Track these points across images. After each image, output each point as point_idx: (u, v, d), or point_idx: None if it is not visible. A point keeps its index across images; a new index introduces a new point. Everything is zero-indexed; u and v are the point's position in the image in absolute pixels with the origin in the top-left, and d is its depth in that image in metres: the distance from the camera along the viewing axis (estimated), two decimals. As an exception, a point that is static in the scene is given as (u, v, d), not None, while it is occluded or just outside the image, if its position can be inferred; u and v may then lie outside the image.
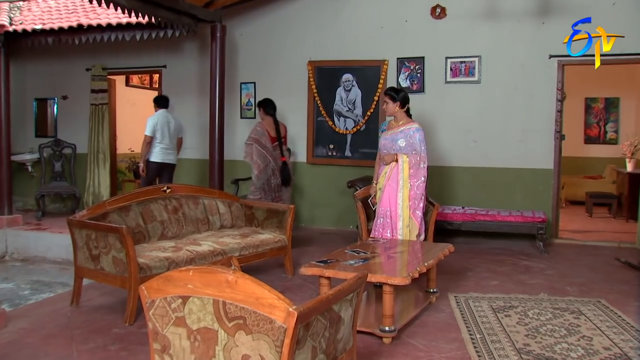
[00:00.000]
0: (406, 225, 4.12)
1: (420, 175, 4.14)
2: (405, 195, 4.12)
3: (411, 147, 4.15)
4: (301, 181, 6.82)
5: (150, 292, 1.96)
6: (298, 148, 6.77)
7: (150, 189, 4.23)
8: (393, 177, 4.17)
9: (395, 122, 4.27)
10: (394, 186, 4.16)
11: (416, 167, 4.13)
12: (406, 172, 4.11)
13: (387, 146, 4.24)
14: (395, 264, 3.37)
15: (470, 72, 6.06)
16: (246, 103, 7.01)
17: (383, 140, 4.29)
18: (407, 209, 4.11)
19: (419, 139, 4.15)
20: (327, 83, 6.65)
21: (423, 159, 4.15)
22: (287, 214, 4.45)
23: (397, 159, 4.15)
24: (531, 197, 5.95)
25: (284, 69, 6.79)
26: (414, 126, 4.20)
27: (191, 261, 3.61)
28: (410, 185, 4.12)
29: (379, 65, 6.40)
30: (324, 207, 6.74)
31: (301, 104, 6.72)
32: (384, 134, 4.35)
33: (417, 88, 6.28)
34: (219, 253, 3.84)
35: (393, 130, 4.25)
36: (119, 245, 3.30)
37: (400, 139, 4.18)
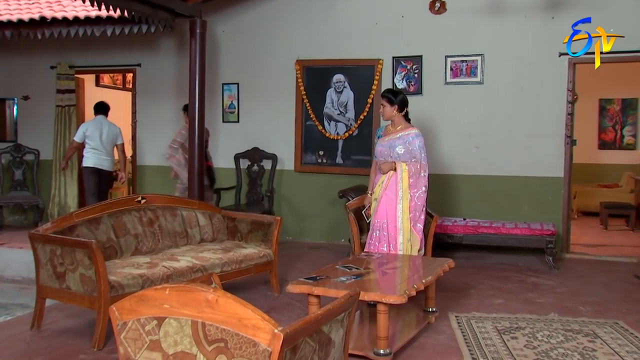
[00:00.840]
0: (407, 239, 4.14)
1: (420, 185, 4.16)
2: (405, 207, 4.13)
3: (410, 154, 4.18)
4: (289, 191, 6.86)
5: (122, 313, 1.95)
6: (285, 155, 6.81)
7: (123, 199, 4.23)
8: (391, 187, 4.19)
9: (393, 127, 4.29)
10: (392, 197, 4.17)
11: (416, 176, 4.15)
12: (406, 182, 4.13)
13: (384, 153, 4.26)
14: (390, 281, 3.40)
15: (472, 72, 6.14)
16: (229, 105, 7.05)
17: (379, 147, 4.31)
18: (408, 221, 4.13)
19: (418, 146, 4.17)
20: (316, 84, 6.69)
21: (424, 167, 4.17)
22: (273, 227, 4.47)
23: (396, 167, 4.16)
24: (539, 207, 6.01)
25: (270, 69, 6.84)
26: (413, 131, 4.22)
27: (168, 278, 3.62)
28: (410, 196, 4.13)
29: (373, 65, 6.45)
30: (314, 219, 6.77)
31: (288, 106, 6.77)
32: (381, 140, 4.37)
33: (414, 89, 6.34)
34: (199, 269, 3.85)
35: (390, 136, 4.27)
36: (88, 262, 3.30)
37: (398, 146, 4.20)
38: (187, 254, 4.06)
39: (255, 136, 6.89)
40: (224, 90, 7.06)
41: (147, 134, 7.30)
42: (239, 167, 6.80)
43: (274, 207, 6.68)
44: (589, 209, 8.62)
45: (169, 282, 3.58)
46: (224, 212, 4.80)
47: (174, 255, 4.03)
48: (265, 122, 6.89)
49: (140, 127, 7.38)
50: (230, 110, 7.06)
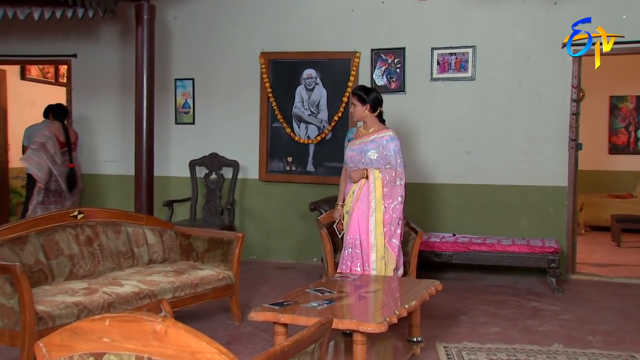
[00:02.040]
0: (380, 257, 4.21)
1: (396, 195, 4.24)
2: (378, 220, 4.20)
3: (384, 160, 4.26)
4: (252, 203, 6.89)
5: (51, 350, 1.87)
6: (248, 162, 6.83)
7: (55, 214, 4.20)
8: (363, 197, 4.25)
9: (365, 130, 4.38)
10: (364, 209, 4.24)
11: (391, 184, 4.23)
12: (379, 192, 4.21)
13: (355, 159, 4.34)
14: (368, 307, 3.43)
15: (462, 67, 6.24)
16: (183, 104, 7.05)
17: (349, 151, 4.39)
18: (382, 236, 4.20)
19: (393, 150, 4.27)
20: (284, 80, 6.74)
21: (399, 174, 4.26)
22: (234, 244, 4.48)
23: (368, 175, 4.24)
24: (540, 221, 6.12)
25: (231, 63, 6.87)
26: (387, 134, 4.31)
27: (109, 307, 3.60)
28: (384, 208, 4.21)
29: (348, 59, 6.52)
30: (281, 236, 6.80)
31: (252, 106, 6.80)
32: (351, 144, 4.44)
33: (395, 86, 6.43)
34: (147, 295, 3.84)
35: (362, 139, 4.35)
36: (10, 289, 3.24)
37: (370, 150, 4.28)
38: (133, 278, 4.04)
39: (213, 140, 6.90)
40: (176, 86, 7.06)
41: (86, 137, 7.21)
42: (194, 175, 6.79)
43: (236, 221, 6.72)
44: (599, 222, 8.71)
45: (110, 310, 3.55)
46: (176, 228, 4.79)
47: (117, 279, 4.00)
48: (226, 124, 6.91)
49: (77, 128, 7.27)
50: (184, 110, 7.07)
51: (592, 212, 8.78)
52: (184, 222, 6.30)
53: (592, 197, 8.83)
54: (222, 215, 6.58)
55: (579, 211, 8.26)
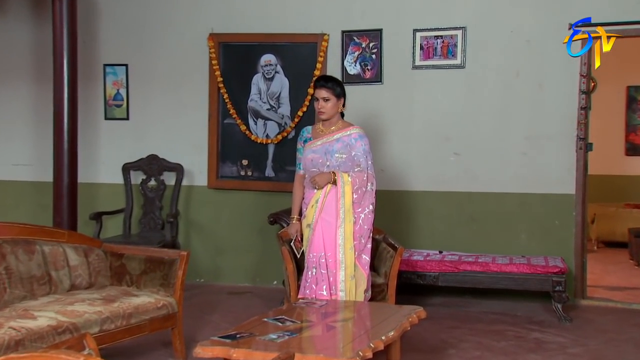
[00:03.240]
0: (350, 276, 4.25)
1: (367, 203, 4.32)
2: (347, 233, 4.27)
3: (353, 162, 4.34)
4: (200, 215, 6.85)
5: None
6: (195, 165, 6.80)
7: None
8: (329, 206, 4.30)
9: (325, 128, 4.48)
10: (330, 220, 4.29)
11: (362, 190, 4.30)
12: (349, 199, 4.28)
13: (318, 162, 4.40)
14: (337, 339, 3.44)
15: (450, 52, 6.27)
16: (114, 96, 6.99)
17: (310, 153, 4.45)
18: (352, 251, 4.26)
19: (363, 149, 4.35)
20: (238, 68, 6.72)
21: (371, 178, 4.34)
22: (177, 265, 4.46)
23: (336, 179, 4.29)
24: (543, 236, 6.16)
25: (173, 46, 6.84)
26: (354, 131, 4.40)
27: (17, 345, 3.51)
28: (354, 218, 4.28)
29: (315, 42, 6.51)
30: (235, 254, 6.78)
31: (199, 98, 6.78)
32: (310, 144, 4.51)
33: (371, 76, 6.44)
34: (67, 329, 3.76)
35: (325, 138, 4.43)
36: None
37: (337, 151, 4.35)
38: (50, 308, 3.95)
39: (152, 139, 6.87)
40: (106, 74, 6.99)
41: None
42: (128, 182, 6.75)
43: (179, 237, 6.69)
44: (614, 237, 8.74)
45: (18, 350, 3.47)
46: (106, 246, 4.76)
47: (28, 310, 3.91)
48: (167, 119, 6.87)
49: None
50: (116, 103, 7.00)
51: (605, 225, 8.80)
52: (116, 238, 6.25)
53: (605, 207, 8.87)
54: (163, 230, 6.57)
55: (590, 224, 8.34)
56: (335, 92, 4.40)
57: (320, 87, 4.43)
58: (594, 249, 8.57)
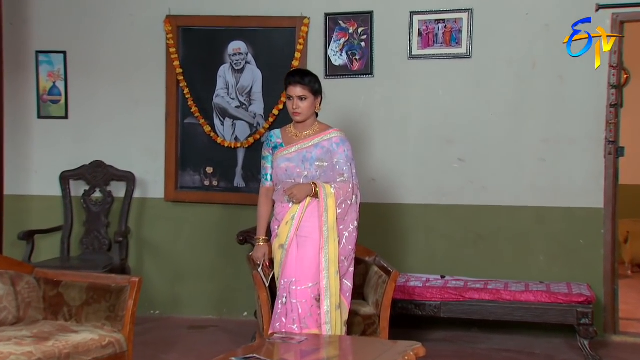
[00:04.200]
0: (336, 305, 4.25)
1: (352, 218, 4.36)
2: (332, 254, 4.28)
3: (334, 171, 4.36)
4: (155, 233, 6.80)
5: None
6: (149, 174, 6.75)
7: None
8: (308, 223, 4.30)
9: (299, 131, 4.49)
10: (310, 240, 4.28)
11: (346, 204, 4.32)
12: (332, 214, 4.28)
13: (293, 172, 4.40)
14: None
15: (454, 40, 6.24)
16: (49, 90, 6.88)
17: (284, 162, 4.43)
18: (337, 276, 4.27)
19: (346, 156, 4.39)
20: (201, 57, 6.69)
21: (356, 189, 4.38)
22: (127, 294, 4.39)
23: (317, 191, 4.28)
24: (565, 258, 6.15)
25: (122, 30, 6.78)
26: (335, 135, 4.44)
27: None
28: (338, 237, 4.30)
29: (293, 27, 6.51)
30: (197, 281, 6.74)
31: (154, 93, 6.73)
32: (282, 151, 4.49)
33: (360, 67, 6.41)
34: (-14, 377, 3.65)
35: (301, 143, 4.43)
36: None
37: (317, 158, 4.36)
38: (-34, 349, 3.84)
39: (97, 142, 6.80)
40: (39, 63, 6.87)
41: None
42: (68, 194, 6.66)
43: (130, 260, 6.63)
44: None
45: None
46: (39, 272, 4.65)
47: (-61, 352, 3.79)
48: (115, 118, 6.80)
49: None
50: (51, 98, 6.89)
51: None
52: (51, 262, 6.16)
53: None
54: (110, 252, 6.52)
55: (622, 243, 8.39)
56: (312, 89, 4.39)
57: (296, 84, 4.39)
58: (627, 273, 8.61)
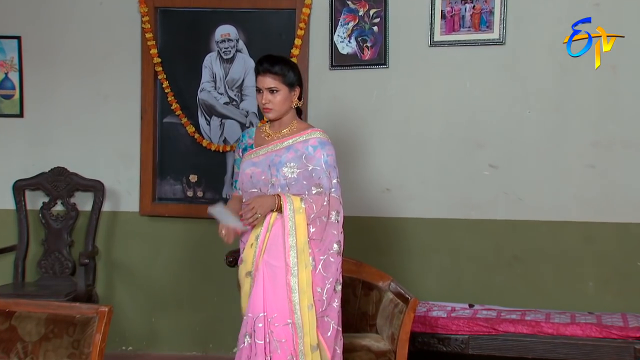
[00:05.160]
0: (312, 347, 4.15)
1: (331, 240, 4.22)
2: (304, 283, 4.14)
3: (309, 180, 4.25)
4: (128, 254, 6.76)
5: None
6: (122, 183, 6.71)
7: None
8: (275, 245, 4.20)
9: (273, 131, 4.43)
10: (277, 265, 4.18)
11: (321, 221, 4.21)
12: (302, 234, 4.16)
13: (259, 179, 4.34)
14: None
15: (484, 23, 6.17)
16: (0, 82, 6.81)
17: (250, 167, 4.38)
18: (312, 311, 4.15)
19: (325, 162, 4.28)
20: (183, 44, 6.66)
21: (335, 203, 4.25)
22: (94, 327, 4.16)
23: (281, 205, 4.18)
24: (619, 284, 6.12)
25: (88, 11, 6.71)
26: (314, 135, 4.34)
27: None
28: (312, 262, 4.16)
29: (292, 9, 6.45)
30: (178, 310, 6.70)
31: (126, 86, 6.67)
32: (250, 153, 4.45)
33: (371, 56, 6.34)
34: None
35: (270, 145, 4.37)
36: None
37: (286, 163, 4.27)
38: None
39: (58, 145, 6.73)
40: None
41: None
42: (23, 207, 6.58)
43: (98, 286, 6.59)
44: None
45: None
46: None
47: None
48: (80, 117, 6.72)
49: None
50: (3, 93, 6.81)
51: None
52: (3, 289, 6.17)
53: None
54: (74, 277, 6.44)
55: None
56: (286, 79, 4.28)
57: (265, 73, 4.29)
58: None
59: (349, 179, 5.97)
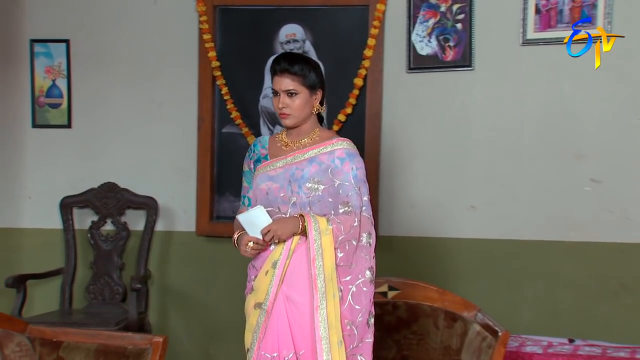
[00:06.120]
0: None
1: (363, 266, 4.07)
2: (332, 317, 3.97)
3: (336, 198, 4.13)
4: (185, 278, 6.75)
5: None
6: (176, 200, 6.69)
7: None
8: (296, 274, 4.06)
9: (292, 139, 4.30)
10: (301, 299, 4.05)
11: (351, 245, 4.06)
12: (329, 259, 4.00)
13: (276, 196, 4.20)
14: None
15: (585, 17, 6.04)
16: (47, 90, 6.85)
17: (265, 181, 4.24)
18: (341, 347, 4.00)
19: (354, 177, 4.13)
20: (244, 46, 6.64)
21: (367, 224, 4.11)
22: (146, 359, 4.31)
23: (306, 227, 4.02)
24: None
25: (141, 12, 6.74)
26: (340, 146, 4.20)
27: None
28: (341, 292, 4.02)
29: (365, 5, 6.39)
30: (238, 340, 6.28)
31: (182, 93, 6.67)
32: (265, 166, 4.33)
33: (455, 57, 6.25)
34: None
35: (290, 156, 4.23)
36: None
37: (310, 178, 4.13)
38: None
39: (108, 159, 6.78)
40: (34, 55, 6.86)
41: None
42: (70, 227, 6.61)
43: (151, 314, 6.62)
44: None
45: None
46: (34, 330, 4.57)
47: None
48: (133, 128, 6.76)
49: None
50: (50, 101, 6.85)
51: None
52: (49, 317, 6.13)
53: None
54: (125, 303, 6.47)
55: None
56: (306, 81, 4.14)
57: (282, 73, 4.17)
58: None
59: (428, 195, 6.04)
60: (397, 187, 6.27)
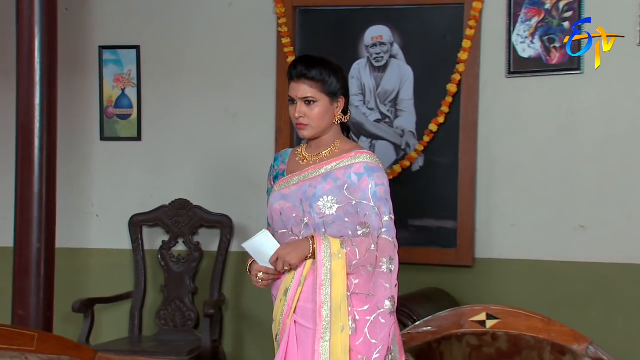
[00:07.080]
0: None
1: (382, 296, 3.93)
2: (338, 351, 3.85)
3: (353, 218, 4.01)
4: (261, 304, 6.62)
5: None
6: (253, 218, 6.65)
7: None
8: (307, 304, 3.94)
9: (310, 153, 4.22)
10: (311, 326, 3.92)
11: (366, 270, 3.92)
12: (339, 287, 3.88)
13: (289, 217, 4.12)
14: None
15: None
16: (117, 100, 6.93)
17: (279, 200, 4.16)
18: None
19: (375, 195, 4.00)
20: (327, 49, 6.46)
21: (389, 247, 3.98)
22: None
23: (315, 251, 3.93)
24: None
25: (215, 16, 6.79)
26: (361, 160, 4.06)
27: None
28: (353, 324, 3.88)
29: (459, 4, 6.36)
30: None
31: (259, 102, 6.72)
32: (281, 182, 4.26)
33: (561, 59, 6.15)
34: None
35: (305, 172, 4.14)
36: None
37: (322, 197, 4.01)
38: None
39: (180, 174, 6.88)
40: (103, 63, 6.96)
41: None
42: (140, 247, 6.72)
43: (226, 342, 6.70)
44: None
45: None
46: (102, 358, 4.63)
47: None
48: (205, 139, 6.81)
49: None
50: (120, 112, 6.94)
51: None
52: (118, 344, 6.24)
53: None
54: (198, 330, 6.56)
55: None
56: (326, 87, 4.03)
57: (299, 79, 4.08)
58: None
59: (530, 213, 6.01)
60: (495, 204, 6.22)
